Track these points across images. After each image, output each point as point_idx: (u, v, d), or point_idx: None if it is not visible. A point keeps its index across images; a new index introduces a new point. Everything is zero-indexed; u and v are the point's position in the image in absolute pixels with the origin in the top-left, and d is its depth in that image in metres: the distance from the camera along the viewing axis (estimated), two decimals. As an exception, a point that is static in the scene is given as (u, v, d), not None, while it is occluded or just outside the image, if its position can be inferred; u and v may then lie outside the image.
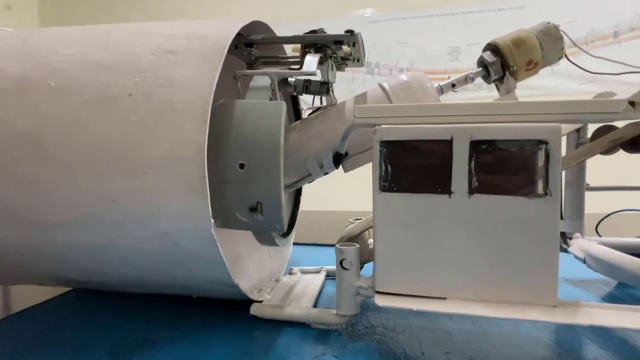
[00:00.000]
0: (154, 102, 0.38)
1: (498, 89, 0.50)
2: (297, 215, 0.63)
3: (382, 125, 0.38)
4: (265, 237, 0.47)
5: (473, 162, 0.36)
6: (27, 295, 0.59)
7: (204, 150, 0.36)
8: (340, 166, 0.52)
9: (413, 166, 0.38)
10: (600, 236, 0.63)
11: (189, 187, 0.37)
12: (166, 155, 0.37)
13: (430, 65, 1.97)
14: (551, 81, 1.81)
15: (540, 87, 1.78)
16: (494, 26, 1.88)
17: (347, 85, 1.96)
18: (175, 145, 0.37)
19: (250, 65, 0.54)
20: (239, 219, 0.43)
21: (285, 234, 0.56)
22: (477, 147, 0.36)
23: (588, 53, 0.47)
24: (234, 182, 0.42)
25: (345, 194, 1.40)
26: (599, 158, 0.51)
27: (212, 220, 0.38)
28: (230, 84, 0.47)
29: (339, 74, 0.54)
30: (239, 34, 0.48)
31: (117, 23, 0.48)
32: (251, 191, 0.42)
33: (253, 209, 0.43)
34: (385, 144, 0.38)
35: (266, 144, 0.40)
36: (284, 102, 0.41)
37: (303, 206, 0.68)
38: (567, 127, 0.56)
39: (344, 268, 0.42)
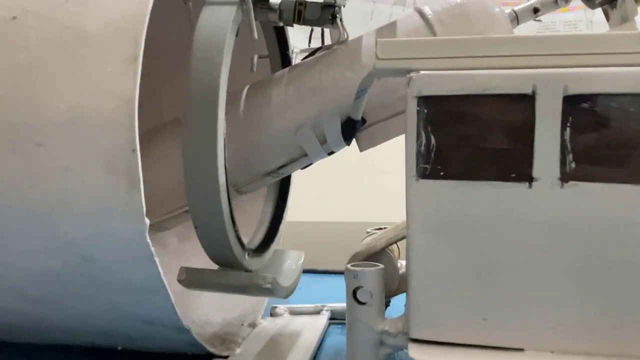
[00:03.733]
0: (53, 30, 0.39)
1: (607, 18, 0.50)
2: (281, 220, 0.63)
3: (422, 72, 0.38)
4: (219, 253, 0.48)
5: (568, 130, 0.36)
6: None
7: (134, 106, 0.37)
8: (354, 142, 0.53)
9: (471, 138, 0.38)
10: None
11: (109, 168, 0.38)
12: (73, 114, 0.38)
13: (497, -10, 1.97)
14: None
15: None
16: None
17: (363, 21, 1.97)
18: (87, 99, 0.38)
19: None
20: None
21: (260, 250, 0.56)
22: (575, 106, 0.36)
23: None
24: None
25: (359, 195, 1.40)
26: None
27: (147, 221, 0.38)
28: (177, 9, 0.47)
29: (351, 3, 0.54)
30: None
31: None
32: None
33: None
34: (426, 101, 0.38)
35: None
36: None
37: (293, 215, 0.68)
38: None
39: (360, 302, 0.43)
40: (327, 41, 0.53)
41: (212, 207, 0.43)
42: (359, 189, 1.39)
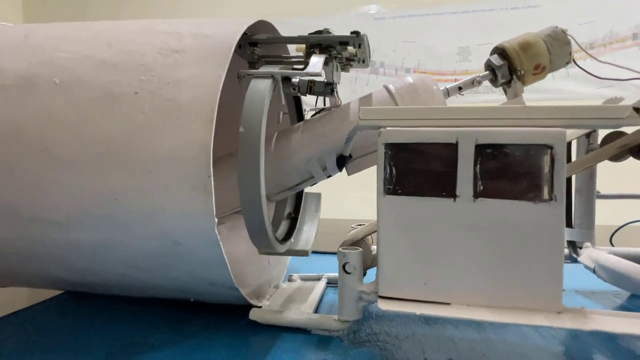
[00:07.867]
0: (159, 101, 0.40)
1: (505, 93, 0.52)
2: (297, 220, 0.63)
3: (387, 128, 0.40)
4: (261, 242, 0.48)
5: (478, 165, 0.38)
6: (11, 300, 0.61)
7: (210, 149, 0.38)
8: (344, 169, 0.54)
9: (418, 169, 0.39)
10: (613, 247, 0.65)
11: (193, 186, 0.39)
12: (171, 153, 0.39)
13: (438, 65, 2.00)
14: (567, 84, 1.84)
15: (556, 90, 1.82)
16: (506, 25, 1.92)
17: (350, 85, 1.99)
18: (180, 144, 0.39)
19: (253, 64, 0.56)
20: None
21: (284, 240, 0.57)
22: (483, 150, 0.38)
23: (595, 58, 0.50)
24: None
25: (347, 201, 1.42)
26: (613, 166, 0.53)
27: (216, 220, 0.40)
28: (233, 82, 0.49)
29: (341, 73, 0.55)
30: (243, 33, 0.50)
31: (110, 19, 0.51)
32: None
33: None
34: (390, 146, 0.39)
35: None
36: None
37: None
38: (576, 132, 0.58)
39: (347, 272, 0.44)
40: (328, 104, 0.55)
41: (256, 209, 0.43)
42: (348, 197, 1.41)
